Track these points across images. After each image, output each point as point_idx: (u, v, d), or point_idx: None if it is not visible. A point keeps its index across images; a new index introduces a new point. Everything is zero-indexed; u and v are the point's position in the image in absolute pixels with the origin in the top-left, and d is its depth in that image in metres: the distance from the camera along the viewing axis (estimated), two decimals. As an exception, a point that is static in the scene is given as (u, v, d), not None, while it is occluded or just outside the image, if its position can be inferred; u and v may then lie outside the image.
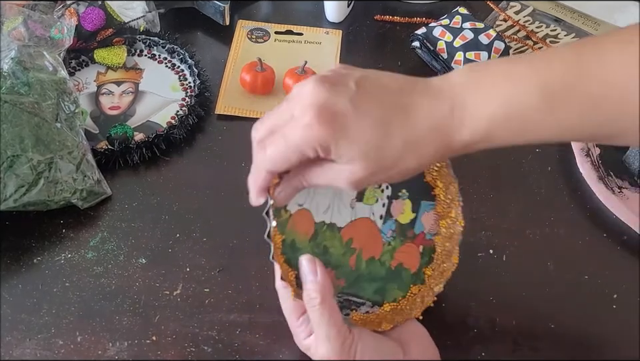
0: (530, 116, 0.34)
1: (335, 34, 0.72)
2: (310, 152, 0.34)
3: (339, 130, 0.33)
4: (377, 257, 0.46)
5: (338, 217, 0.44)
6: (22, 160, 0.49)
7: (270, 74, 0.64)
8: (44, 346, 0.46)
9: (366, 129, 0.34)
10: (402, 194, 0.46)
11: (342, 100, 0.34)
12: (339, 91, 0.34)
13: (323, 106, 0.33)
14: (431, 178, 0.47)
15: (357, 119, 0.34)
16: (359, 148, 0.34)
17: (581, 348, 0.48)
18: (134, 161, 0.57)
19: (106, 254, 0.51)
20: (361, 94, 0.34)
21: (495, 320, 0.49)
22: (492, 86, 0.35)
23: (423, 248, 0.47)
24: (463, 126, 0.35)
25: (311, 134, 0.33)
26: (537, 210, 0.56)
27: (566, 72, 0.34)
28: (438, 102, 0.35)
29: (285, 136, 0.35)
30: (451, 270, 0.46)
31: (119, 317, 0.47)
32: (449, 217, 0.47)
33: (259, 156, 0.37)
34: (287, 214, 0.42)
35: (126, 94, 0.63)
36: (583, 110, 0.34)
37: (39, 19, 0.59)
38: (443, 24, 0.67)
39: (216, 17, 0.71)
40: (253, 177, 0.38)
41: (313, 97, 0.34)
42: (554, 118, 0.34)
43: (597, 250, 0.53)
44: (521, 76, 0.35)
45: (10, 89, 0.52)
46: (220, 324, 0.47)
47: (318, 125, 0.33)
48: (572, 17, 0.75)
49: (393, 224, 0.46)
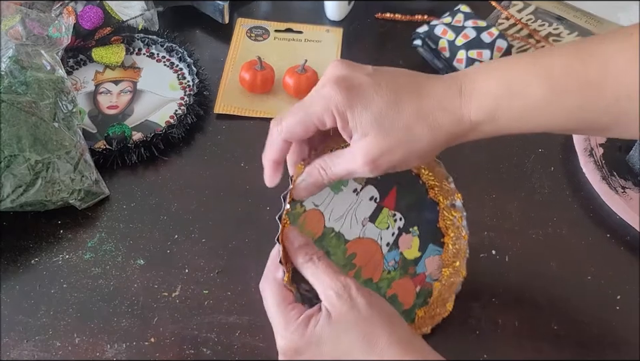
0: (532, 97, 0.36)
1: (336, 32, 0.72)
2: (327, 118, 0.37)
3: (355, 97, 0.36)
4: (375, 280, 0.46)
5: (347, 229, 0.45)
6: (19, 160, 0.49)
7: (269, 73, 0.64)
8: (41, 347, 0.45)
9: (380, 99, 0.36)
10: (413, 231, 0.47)
11: (359, 74, 0.37)
12: (357, 68, 0.38)
13: (341, 76, 0.37)
14: (444, 225, 0.48)
15: (373, 90, 0.36)
16: (373, 115, 0.36)
17: (584, 349, 0.47)
18: (132, 161, 0.57)
19: (104, 255, 0.51)
20: (377, 73, 0.38)
21: (497, 321, 0.48)
22: (497, 70, 0.37)
23: (420, 288, 0.48)
24: (471, 103, 0.37)
25: (329, 99, 0.36)
26: (539, 211, 0.56)
27: (566, 59, 0.36)
28: (448, 84, 0.38)
29: (302, 104, 0.37)
30: (442, 315, 0.47)
31: (117, 318, 0.47)
32: (452, 267, 0.48)
33: (274, 129, 0.39)
34: (302, 209, 0.42)
35: (124, 93, 0.63)
36: (582, 95, 0.35)
37: (36, 18, 0.59)
38: (444, 22, 0.66)
39: (215, 15, 0.70)
40: (267, 150, 0.40)
41: (332, 72, 0.37)
42: (555, 102, 0.36)
43: (599, 251, 0.53)
44: (524, 63, 0.37)
45: (7, 88, 0.51)
46: (219, 325, 0.47)
47: (336, 91, 0.36)
48: (574, 16, 0.75)
49: (397, 255, 0.47)
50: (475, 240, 0.49)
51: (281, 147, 0.39)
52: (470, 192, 0.53)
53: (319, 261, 0.39)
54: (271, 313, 0.39)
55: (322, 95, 0.37)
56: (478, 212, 0.55)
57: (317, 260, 0.39)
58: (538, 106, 0.36)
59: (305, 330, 0.37)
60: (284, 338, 0.38)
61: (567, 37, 0.72)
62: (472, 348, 0.47)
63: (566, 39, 0.72)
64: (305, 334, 0.37)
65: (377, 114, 0.36)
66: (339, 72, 0.37)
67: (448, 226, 0.48)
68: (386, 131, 0.36)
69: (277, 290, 0.40)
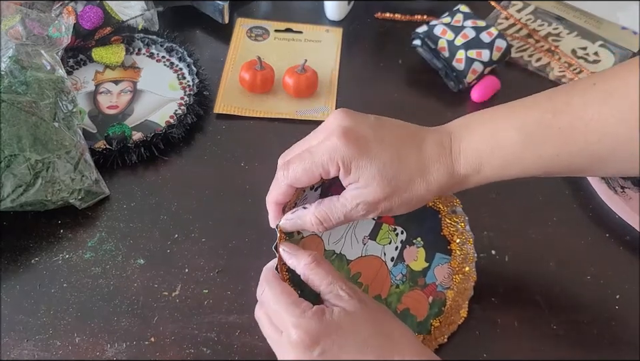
0: (511, 150, 0.39)
1: (336, 32, 0.72)
2: (332, 168, 0.39)
3: (361, 149, 0.38)
4: (384, 296, 0.46)
5: (349, 250, 0.45)
6: (19, 160, 0.49)
7: (269, 73, 0.64)
8: (42, 347, 0.45)
9: (384, 153, 0.39)
10: (417, 242, 0.47)
11: (364, 127, 0.39)
12: (360, 120, 0.40)
13: (347, 128, 0.39)
14: (448, 232, 0.48)
15: (377, 142, 0.39)
16: (377, 168, 0.38)
17: (584, 349, 0.47)
18: (132, 161, 0.57)
19: (104, 255, 0.51)
20: (380, 124, 0.40)
21: (497, 321, 0.48)
22: (480, 125, 0.41)
23: (433, 299, 0.47)
24: (460, 159, 0.40)
25: (335, 151, 0.38)
26: (539, 211, 0.56)
27: (538, 112, 0.39)
28: (439, 140, 0.41)
29: (310, 152, 0.39)
30: (457, 323, 0.47)
31: (117, 318, 0.47)
32: (462, 272, 0.48)
33: (280, 173, 0.41)
34: (299, 236, 0.43)
35: (124, 93, 0.63)
36: (556, 143, 0.39)
37: (36, 18, 0.59)
38: (444, 22, 0.66)
39: (215, 15, 0.70)
40: (272, 192, 0.42)
41: (338, 122, 0.39)
42: (532, 150, 0.39)
43: (599, 251, 0.53)
44: (502, 117, 0.41)
45: (7, 88, 0.51)
46: (219, 325, 0.47)
47: (343, 143, 0.38)
48: (574, 15, 0.75)
49: (404, 268, 0.47)
50: (475, 240, 0.49)
51: (284, 191, 0.41)
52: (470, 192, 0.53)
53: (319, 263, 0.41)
54: (280, 306, 0.39)
55: (328, 146, 0.38)
56: (478, 212, 0.55)
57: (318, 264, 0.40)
58: (517, 155, 0.40)
59: (322, 316, 0.37)
60: (299, 326, 0.37)
61: (566, 37, 0.72)
62: (472, 347, 0.47)
63: (565, 39, 0.72)
64: (324, 319, 0.37)
65: (381, 167, 0.38)
66: (345, 124, 0.39)
67: (452, 233, 0.48)
68: (387, 183, 0.39)
69: (280, 286, 0.40)
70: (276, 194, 0.41)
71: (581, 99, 0.38)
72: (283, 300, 0.39)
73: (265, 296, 0.40)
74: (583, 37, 0.72)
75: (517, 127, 0.39)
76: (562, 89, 0.41)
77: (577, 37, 0.72)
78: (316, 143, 0.40)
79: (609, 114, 0.37)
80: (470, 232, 0.48)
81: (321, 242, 0.44)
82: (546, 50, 0.70)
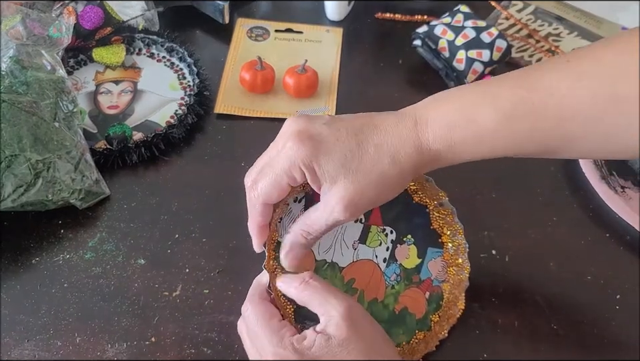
0: (484, 124, 0.38)
1: (336, 32, 0.72)
2: (296, 173, 0.38)
3: (317, 147, 0.37)
4: (380, 299, 0.46)
5: (340, 257, 0.45)
6: (20, 160, 0.49)
7: (270, 73, 0.64)
8: (42, 347, 0.45)
9: (342, 144, 0.38)
10: (407, 240, 0.47)
11: (316, 126, 0.38)
12: (313, 120, 0.39)
13: (300, 130, 0.38)
14: (438, 225, 0.48)
15: (333, 137, 0.38)
16: (339, 161, 0.37)
17: (583, 349, 0.47)
18: (133, 161, 0.57)
19: (104, 255, 0.51)
20: (334, 120, 0.39)
21: (497, 321, 0.48)
22: (448, 100, 0.40)
23: (430, 294, 0.47)
24: (427, 132, 0.38)
25: (293, 155, 0.37)
26: (539, 210, 0.56)
27: (512, 88, 0.38)
28: (401, 117, 0.39)
29: (271, 166, 0.38)
30: (456, 316, 0.47)
31: (117, 318, 0.47)
32: (456, 264, 0.48)
33: (251, 194, 0.40)
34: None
35: (124, 94, 0.63)
36: (529, 119, 0.37)
37: (37, 18, 0.59)
38: (444, 22, 0.66)
39: (215, 16, 0.70)
40: (251, 216, 0.41)
41: (291, 127, 0.38)
42: (506, 127, 0.38)
43: (599, 251, 0.53)
44: (474, 92, 0.39)
45: (8, 88, 0.51)
46: (220, 325, 0.47)
47: (298, 145, 0.37)
48: (574, 16, 0.75)
49: (397, 268, 0.47)
50: (475, 240, 0.49)
51: (261, 211, 0.40)
52: (470, 192, 0.53)
53: (315, 282, 0.40)
54: (260, 330, 0.39)
55: (285, 152, 0.38)
56: (478, 212, 0.55)
57: (312, 282, 0.40)
58: (490, 131, 0.38)
59: (301, 345, 0.37)
60: (276, 355, 0.37)
61: (566, 37, 0.72)
62: (472, 348, 0.47)
63: (566, 39, 0.72)
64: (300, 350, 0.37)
65: (342, 159, 0.37)
66: (297, 127, 0.38)
67: (442, 225, 0.48)
68: (354, 173, 0.37)
69: (264, 307, 0.40)
70: (255, 216, 0.41)
71: (554, 75, 0.37)
72: (264, 323, 0.39)
73: (247, 316, 0.41)
74: (583, 37, 0.72)
75: (490, 101, 0.38)
76: (535, 66, 0.40)
77: (577, 37, 0.73)
78: (275, 153, 0.39)
79: (582, 91, 0.36)
80: (459, 223, 0.48)
81: (310, 254, 0.44)
82: (546, 51, 0.70)
